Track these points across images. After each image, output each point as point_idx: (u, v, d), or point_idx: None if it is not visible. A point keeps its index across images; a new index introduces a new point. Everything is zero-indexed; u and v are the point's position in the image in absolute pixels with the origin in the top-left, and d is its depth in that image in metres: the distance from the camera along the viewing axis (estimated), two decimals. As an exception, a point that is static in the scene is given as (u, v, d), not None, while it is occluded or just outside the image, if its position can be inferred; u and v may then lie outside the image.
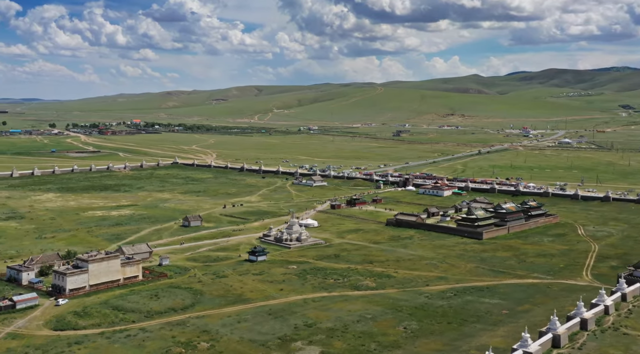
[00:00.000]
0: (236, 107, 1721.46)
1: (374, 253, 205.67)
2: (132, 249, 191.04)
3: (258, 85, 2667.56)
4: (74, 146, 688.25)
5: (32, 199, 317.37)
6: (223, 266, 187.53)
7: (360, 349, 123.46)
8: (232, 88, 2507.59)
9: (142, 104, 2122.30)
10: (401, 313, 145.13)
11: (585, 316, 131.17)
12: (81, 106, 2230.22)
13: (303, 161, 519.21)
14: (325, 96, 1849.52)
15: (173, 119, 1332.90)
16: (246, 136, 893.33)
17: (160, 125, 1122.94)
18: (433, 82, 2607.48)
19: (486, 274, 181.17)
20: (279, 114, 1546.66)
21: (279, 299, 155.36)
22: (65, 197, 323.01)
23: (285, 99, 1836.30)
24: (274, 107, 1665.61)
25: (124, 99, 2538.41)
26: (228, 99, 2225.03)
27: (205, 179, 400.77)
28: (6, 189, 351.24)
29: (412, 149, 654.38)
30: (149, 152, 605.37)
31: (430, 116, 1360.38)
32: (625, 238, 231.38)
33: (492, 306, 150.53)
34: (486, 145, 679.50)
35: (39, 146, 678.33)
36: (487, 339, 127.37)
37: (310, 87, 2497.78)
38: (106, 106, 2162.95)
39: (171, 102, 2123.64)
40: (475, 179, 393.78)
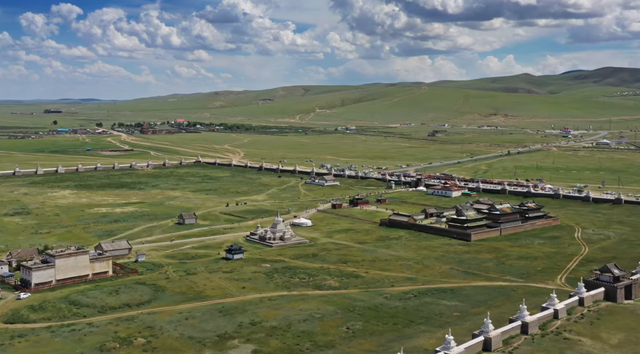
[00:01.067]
0: (280, 107, 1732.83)
1: (354, 253, 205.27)
2: (111, 245, 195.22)
3: (305, 86, 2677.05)
4: (111, 144, 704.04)
5: (47, 195, 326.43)
6: (198, 263, 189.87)
7: (293, 348, 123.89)
8: (278, 88, 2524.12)
9: (190, 104, 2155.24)
10: (352, 313, 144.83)
11: (527, 319, 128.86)
12: (133, 106, 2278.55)
13: (328, 161, 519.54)
14: (369, 96, 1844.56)
15: (216, 119, 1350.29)
16: (281, 135, 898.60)
17: (202, 124, 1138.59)
18: (482, 81, 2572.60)
19: (457, 276, 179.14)
20: (321, 114, 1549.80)
21: (237, 297, 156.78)
22: (80, 194, 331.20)
23: (329, 99, 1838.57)
24: (316, 107, 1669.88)
25: (175, 99, 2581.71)
26: (274, 99, 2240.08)
27: (222, 178, 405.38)
28: (27, 185, 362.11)
29: (442, 149, 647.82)
30: (180, 150, 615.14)
31: (473, 116, 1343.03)
32: (621, 242, 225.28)
33: (446, 308, 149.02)
34: (519, 145, 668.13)
35: (77, 144, 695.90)
36: (423, 341, 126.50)
37: (358, 87, 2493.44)
38: (157, 105, 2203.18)
39: (218, 102, 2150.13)
40: (492, 180, 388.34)
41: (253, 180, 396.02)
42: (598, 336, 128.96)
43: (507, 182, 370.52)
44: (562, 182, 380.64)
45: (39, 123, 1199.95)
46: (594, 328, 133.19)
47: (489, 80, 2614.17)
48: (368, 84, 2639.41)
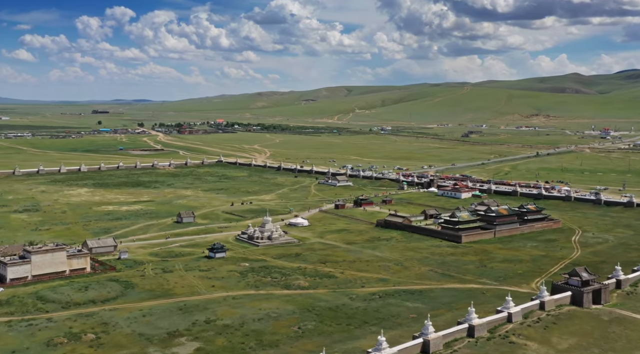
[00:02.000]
0: (320, 108, 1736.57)
1: (337, 254, 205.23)
2: (96, 243, 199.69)
3: (348, 86, 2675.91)
4: (145, 144, 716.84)
5: (63, 193, 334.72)
6: (179, 261, 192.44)
7: (237, 347, 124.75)
8: (322, 89, 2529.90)
9: (234, 104, 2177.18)
10: (310, 313, 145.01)
11: (474, 322, 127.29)
12: (180, 106, 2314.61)
13: (352, 161, 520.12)
14: (410, 96, 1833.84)
15: (256, 119, 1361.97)
16: (315, 135, 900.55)
17: (240, 125, 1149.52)
18: (529, 81, 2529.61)
19: (433, 278, 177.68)
20: (360, 114, 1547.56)
21: (203, 295, 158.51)
22: (94, 193, 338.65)
23: (369, 100, 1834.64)
24: (356, 107, 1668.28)
25: (220, 99, 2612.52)
26: (317, 99, 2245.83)
27: (238, 177, 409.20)
28: (48, 183, 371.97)
29: (470, 150, 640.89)
30: (208, 150, 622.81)
31: (513, 116, 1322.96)
32: (618, 245, 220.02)
33: (406, 310, 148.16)
34: (552, 147, 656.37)
35: (113, 143, 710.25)
36: (366, 342, 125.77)
37: (402, 88, 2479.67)
38: (202, 106, 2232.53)
39: (260, 102, 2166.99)
40: (510, 181, 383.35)
41: (268, 180, 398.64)
42: (547, 341, 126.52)
43: (524, 184, 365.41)
44: (583, 185, 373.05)
45: (84, 123, 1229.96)
46: (547, 333, 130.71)
47: (537, 80, 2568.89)
48: (413, 85, 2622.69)
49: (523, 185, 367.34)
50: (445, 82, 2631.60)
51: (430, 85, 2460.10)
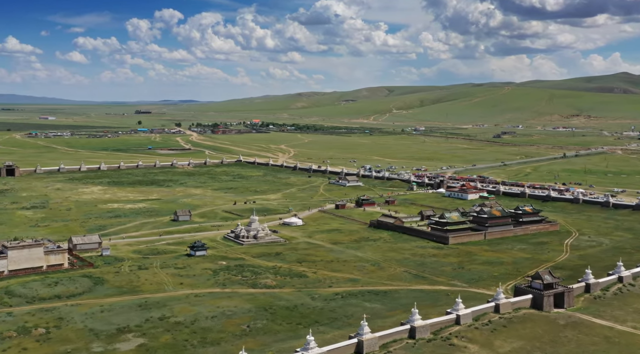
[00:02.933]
0: (358, 108, 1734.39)
1: (318, 253, 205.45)
2: (81, 239, 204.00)
3: (389, 86, 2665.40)
4: (175, 143, 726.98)
5: (77, 191, 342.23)
6: (159, 259, 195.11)
7: (180, 344, 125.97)
8: (362, 89, 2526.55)
9: (275, 104, 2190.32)
10: (265, 312, 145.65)
11: (415, 324, 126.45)
12: (223, 106, 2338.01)
13: (373, 162, 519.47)
14: (449, 97, 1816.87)
15: (292, 119, 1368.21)
16: (345, 136, 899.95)
17: (274, 125, 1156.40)
18: (576, 81, 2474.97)
19: (404, 279, 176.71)
20: (397, 114, 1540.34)
21: (168, 292, 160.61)
22: (107, 191, 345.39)
23: (408, 100, 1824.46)
24: (393, 107, 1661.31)
25: (262, 100, 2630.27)
26: (357, 100, 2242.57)
27: (251, 177, 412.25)
28: (65, 181, 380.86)
29: (498, 151, 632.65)
30: (233, 150, 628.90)
31: (553, 117, 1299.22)
32: (610, 249, 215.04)
33: (362, 310, 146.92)
34: (585, 148, 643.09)
35: (145, 143, 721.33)
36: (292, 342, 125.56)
37: (444, 88, 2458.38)
38: (243, 106, 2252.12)
39: (300, 103, 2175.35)
40: (524, 183, 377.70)
41: (281, 179, 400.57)
42: (490, 344, 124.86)
43: (539, 186, 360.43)
44: (602, 187, 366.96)
45: (125, 123, 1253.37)
46: (493, 336, 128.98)
47: (584, 79, 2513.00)
48: (456, 85, 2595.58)
49: (537, 187, 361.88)
50: (489, 82, 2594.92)
51: (472, 85, 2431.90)
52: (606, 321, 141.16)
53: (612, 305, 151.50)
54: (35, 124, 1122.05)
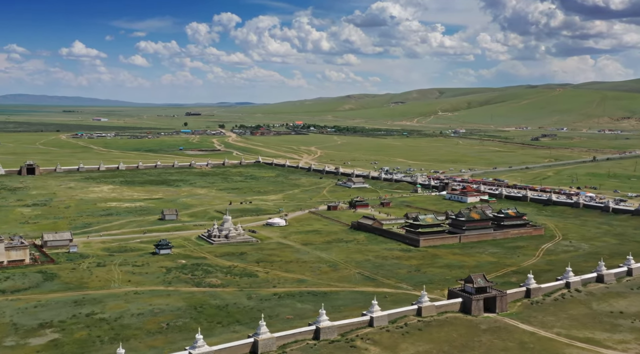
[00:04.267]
0: (403, 110, 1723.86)
1: (282, 254, 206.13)
2: (53, 236, 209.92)
3: (441, 88, 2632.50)
4: (209, 144, 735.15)
5: (86, 189, 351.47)
6: (124, 256, 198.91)
7: (91, 339, 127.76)
8: (413, 91, 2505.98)
9: (323, 106, 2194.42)
10: (194, 310, 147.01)
11: (321, 325, 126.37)
12: (275, 108, 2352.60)
13: (396, 163, 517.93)
14: (498, 98, 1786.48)
15: (336, 121, 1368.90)
16: (381, 138, 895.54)
17: (316, 127, 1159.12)
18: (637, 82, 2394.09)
19: (352, 281, 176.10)
20: (442, 116, 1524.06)
21: (111, 289, 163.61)
22: (115, 190, 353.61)
23: (455, 102, 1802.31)
24: (439, 109, 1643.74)
25: (312, 102, 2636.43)
26: (406, 101, 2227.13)
27: (262, 178, 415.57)
28: (80, 180, 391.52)
29: (528, 154, 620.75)
30: (262, 151, 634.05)
31: (602, 119, 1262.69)
32: (585, 255, 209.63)
33: (290, 311, 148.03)
34: (621, 152, 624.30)
35: (180, 144, 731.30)
36: (216, 339, 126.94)
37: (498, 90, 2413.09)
38: (293, 108, 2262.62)
39: (348, 105, 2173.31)
40: (535, 187, 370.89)
41: (291, 180, 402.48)
42: (394, 347, 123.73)
43: (549, 189, 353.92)
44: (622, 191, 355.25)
45: (172, 125, 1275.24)
46: (402, 339, 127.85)
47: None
48: (510, 87, 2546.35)
49: (548, 190, 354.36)
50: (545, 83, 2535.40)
51: (526, 87, 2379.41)
52: (532, 326, 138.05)
53: (547, 311, 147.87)
54: (87, 126, 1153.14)
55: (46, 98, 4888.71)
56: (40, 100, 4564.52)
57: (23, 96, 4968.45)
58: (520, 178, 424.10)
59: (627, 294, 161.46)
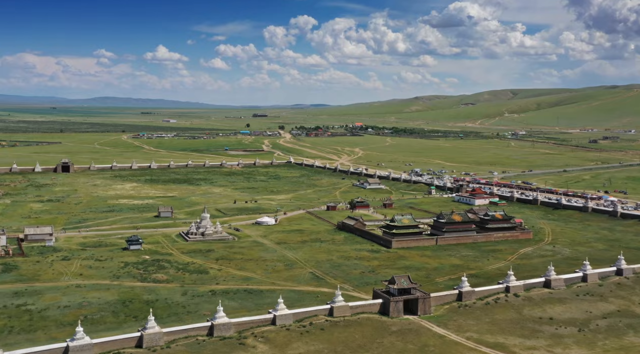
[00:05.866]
0: (469, 112, 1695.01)
1: (249, 252, 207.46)
2: (34, 230, 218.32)
3: (514, 89, 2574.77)
4: (257, 145, 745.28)
5: (109, 187, 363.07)
6: (96, 251, 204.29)
7: (5, 329, 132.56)
8: (484, 92, 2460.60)
9: (390, 108, 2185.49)
10: (121, 305, 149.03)
11: (216, 322, 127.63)
12: (343, 110, 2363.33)
13: (433, 165, 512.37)
14: (569, 100, 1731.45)
15: (397, 123, 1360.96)
16: (433, 139, 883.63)
17: (374, 128, 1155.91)
18: None
19: (299, 280, 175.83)
20: (508, 118, 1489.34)
21: (59, 282, 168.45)
22: (136, 188, 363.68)
23: (523, 103, 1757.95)
24: (506, 111, 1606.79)
25: (381, 104, 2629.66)
26: (477, 103, 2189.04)
27: (285, 178, 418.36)
28: (108, 178, 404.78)
29: (576, 157, 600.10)
30: (305, 152, 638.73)
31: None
32: (558, 260, 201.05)
33: (213, 307, 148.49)
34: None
35: (231, 144, 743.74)
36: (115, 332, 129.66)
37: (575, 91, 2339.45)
38: (361, 110, 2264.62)
39: (415, 106, 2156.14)
40: (557, 190, 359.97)
41: (311, 181, 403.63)
42: (285, 346, 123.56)
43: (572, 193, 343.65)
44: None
45: (234, 126, 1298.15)
46: (298, 338, 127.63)
47: None
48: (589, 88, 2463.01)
49: (570, 194, 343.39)
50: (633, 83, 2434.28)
51: (608, 87, 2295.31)
52: (446, 330, 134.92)
53: (471, 314, 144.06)
54: (154, 127, 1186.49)
55: (131, 100, 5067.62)
56: (125, 102, 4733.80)
57: (110, 98, 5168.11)
58: (552, 181, 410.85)
59: (568, 301, 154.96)
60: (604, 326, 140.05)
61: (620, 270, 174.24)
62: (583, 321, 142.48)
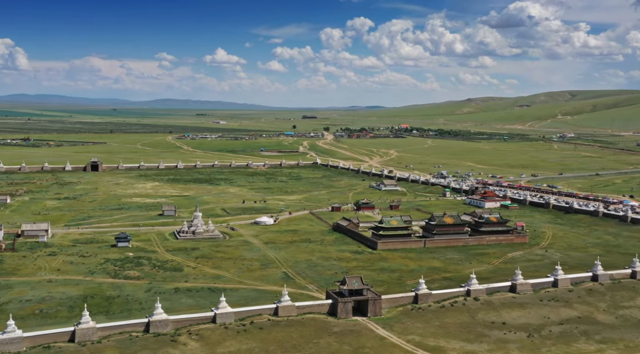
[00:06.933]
0: (520, 114, 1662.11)
1: (232, 251, 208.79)
2: (30, 226, 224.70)
3: (573, 91, 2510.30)
4: (295, 146, 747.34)
5: (129, 186, 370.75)
6: (84, 247, 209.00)
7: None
8: (540, 94, 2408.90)
9: (441, 110, 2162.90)
10: (81, 300, 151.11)
11: (153, 319, 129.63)
12: (394, 112, 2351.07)
13: (465, 168, 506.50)
14: (627, 101, 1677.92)
15: (445, 125, 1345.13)
16: (475, 142, 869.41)
17: (418, 130, 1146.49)
18: None
19: (267, 280, 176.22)
20: (560, 120, 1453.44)
21: (34, 277, 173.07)
22: (156, 187, 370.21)
23: (578, 105, 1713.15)
24: (559, 113, 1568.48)
25: (433, 105, 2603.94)
26: (532, 104, 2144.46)
27: (305, 178, 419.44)
28: (133, 177, 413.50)
29: (617, 160, 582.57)
30: (338, 153, 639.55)
31: None
32: (545, 265, 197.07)
33: (168, 304, 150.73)
34: None
35: (270, 145, 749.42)
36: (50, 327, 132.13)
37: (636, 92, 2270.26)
38: (413, 112, 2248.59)
39: (467, 108, 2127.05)
40: (578, 194, 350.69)
41: (330, 182, 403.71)
42: (217, 344, 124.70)
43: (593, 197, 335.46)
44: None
45: (280, 127, 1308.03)
46: (235, 336, 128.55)
47: None
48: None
49: (591, 198, 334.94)
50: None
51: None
52: (390, 332, 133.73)
53: (422, 317, 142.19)
54: (203, 128, 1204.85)
55: (190, 102, 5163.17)
56: (184, 104, 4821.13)
57: (170, 100, 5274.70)
58: (579, 185, 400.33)
59: (529, 306, 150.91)
60: (557, 332, 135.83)
61: (596, 276, 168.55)
62: (537, 327, 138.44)
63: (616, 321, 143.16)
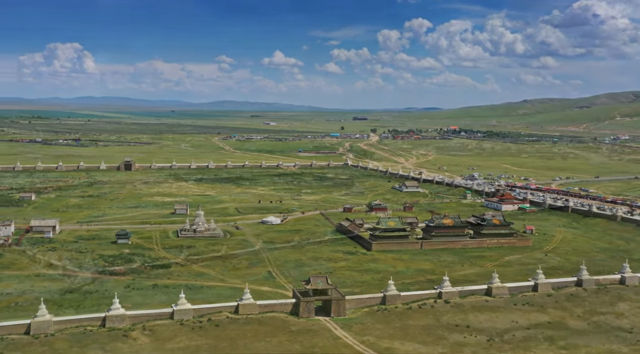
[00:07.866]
0: (577, 115, 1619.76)
1: (224, 250, 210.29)
2: (39, 222, 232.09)
3: (636, 91, 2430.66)
4: (335, 147, 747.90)
5: (157, 185, 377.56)
6: (86, 243, 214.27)
7: None
8: (602, 95, 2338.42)
9: (497, 111, 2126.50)
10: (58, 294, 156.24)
11: (109, 314, 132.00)
12: (450, 114, 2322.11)
13: (499, 170, 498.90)
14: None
15: (496, 127, 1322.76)
16: (520, 144, 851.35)
17: (467, 132, 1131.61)
18: None
19: (249, 279, 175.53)
20: (619, 122, 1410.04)
21: (25, 271, 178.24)
22: (182, 186, 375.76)
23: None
24: (618, 114, 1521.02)
25: (489, 107, 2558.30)
26: (592, 106, 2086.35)
27: (330, 179, 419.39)
28: (163, 176, 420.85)
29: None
30: (375, 154, 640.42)
31: None
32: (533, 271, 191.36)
33: (141, 299, 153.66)
34: None
35: (310, 146, 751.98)
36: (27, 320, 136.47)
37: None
38: (465, 113, 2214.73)
39: (522, 110, 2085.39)
40: (606, 197, 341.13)
41: (356, 183, 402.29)
42: (168, 340, 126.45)
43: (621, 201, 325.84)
44: None
45: (328, 128, 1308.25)
46: (189, 333, 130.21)
47: None
48: None
49: (619, 202, 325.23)
50: None
51: None
52: (347, 332, 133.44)
53: (385, 319, 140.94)
54: (255, 129, 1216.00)
55: (248, 104, 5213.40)
56: (242, 106, 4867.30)
57: (229, 102, 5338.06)
58: (612, 188, 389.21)
59: (501, 309, 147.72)
60: (521, 336, 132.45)
61: (581, 281, 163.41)
62: (501, 331, 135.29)
63: (587, 327, 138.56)
